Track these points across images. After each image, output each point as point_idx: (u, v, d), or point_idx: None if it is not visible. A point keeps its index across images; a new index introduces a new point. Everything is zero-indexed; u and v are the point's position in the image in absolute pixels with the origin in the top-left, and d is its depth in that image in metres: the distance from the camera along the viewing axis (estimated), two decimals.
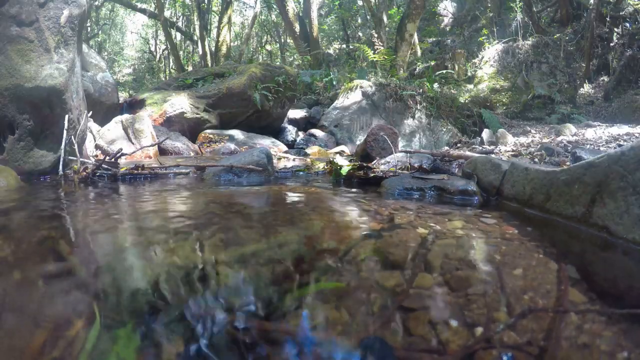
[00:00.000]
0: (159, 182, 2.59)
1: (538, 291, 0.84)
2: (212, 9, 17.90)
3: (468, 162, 2.19)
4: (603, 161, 1.22)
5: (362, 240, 1.23)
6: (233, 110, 6.97)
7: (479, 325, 0.72)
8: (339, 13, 16.83)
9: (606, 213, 1.18)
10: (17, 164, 2.70)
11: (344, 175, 2.52)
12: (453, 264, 0.98)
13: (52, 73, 2.72)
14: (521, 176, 1.68)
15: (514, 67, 10.70)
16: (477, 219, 1.44)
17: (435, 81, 8.93)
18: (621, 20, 10.26)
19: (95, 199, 2.12)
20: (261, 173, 2.75)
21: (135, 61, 24.28)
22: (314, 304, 0.83)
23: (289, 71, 7.99)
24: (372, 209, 1.66)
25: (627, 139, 4.88)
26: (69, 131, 2.89)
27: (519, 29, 11.34)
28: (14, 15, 2.62)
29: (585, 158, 2.16)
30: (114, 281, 0.96)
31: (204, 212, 1.68)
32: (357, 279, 0.92)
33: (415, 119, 7.85)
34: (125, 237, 1.31)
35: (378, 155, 3.66)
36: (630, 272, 1.01)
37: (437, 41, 14.05)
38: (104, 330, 0.71)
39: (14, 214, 1.71)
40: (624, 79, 9.06)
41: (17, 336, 0.70)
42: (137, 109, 6.27)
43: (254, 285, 0.92)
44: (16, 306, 0.81)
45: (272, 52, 21.87)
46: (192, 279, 0.95)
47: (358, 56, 11.93)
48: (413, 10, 10.01)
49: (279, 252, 1.13)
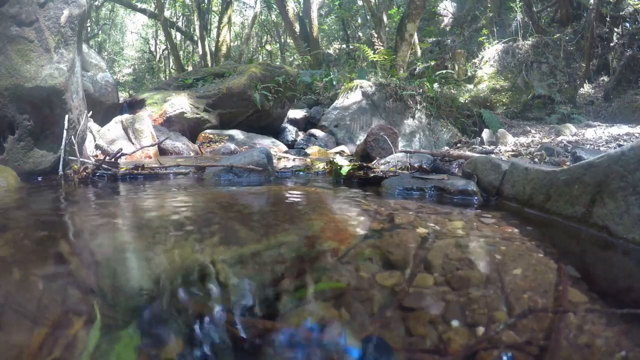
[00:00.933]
0: (159, 182, 2.59)
1: (538, 291, 0.84)
2: (212, 9, 17.89)
3: (468, 162, 2.19)
4: (603, 161, 1.22)
5: (362, 240, 1.23)
6: (233, 110, 6.97)
7: (480, 325, 0.72)
8: (339, 13, 16.83)
9: (606, 213, 1.18)
10: (17, 164, 2.70)
11: (344, 175, 2.52)
12: (453, 264, 0.98)
13: (52, 73, 2.72)
14: (521, 176, 1.68)
15: (514, 67, 10.70)
16: (477, 219, 1.44)
17: (435, 81, 8.93)
18: (621, 20, 10.26)
19: (95, 199, 2.12)
20: (261, 173, 2.75)
21: (135, 61, 24.28)
22: (314, 303, 0.83)
23: (289, 71, 7.99)
24: (372, 209, 1.66)
25: (627, 139, 4.88)
26: (69, 131, 2.89)
27: (519, 29, 11.34)
28: (14, 15, 2.62)
29: (585, 158, 2.16)
30: (114, 281, 0.96)
31: (204, 212, 1.68)
32: (357, 279, 0.92)
33: (415, 119, 7.85)
34: (125, 237, 1.31)
35: (378, 155, 3.66)
36: (630, 272, 1.01)
37: (437, 41, 14.05)
38: (104, 330, 0.71)
39: (14, 214, 1.71)
40: (624, 79, 9.06)
41: (17, 336, 0.70)
42: (137, 109, 6.27)
43: (254, 285, 0.92)
44: (16, 306, 0.81)
45: (272, 52, 21.87)
46: (192, 279, 0.95)
47: (358, 56, 11.93)
48: (413, 10, 10.02)
49: (279, 252, 1.13)
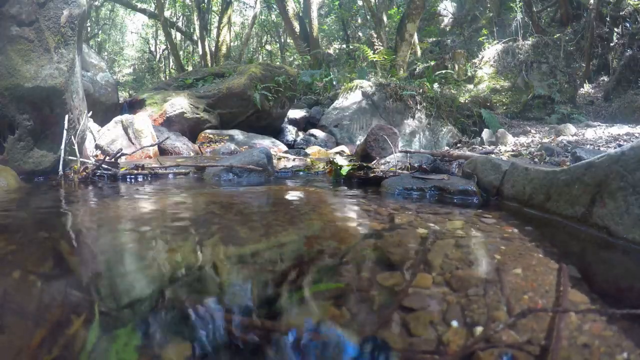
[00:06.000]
0: (159, 182, 2.58)
1: (538, 291, 0.84)
2: (212, 9, 17.89)
3: (468, 162, 2.19)
4: (603, 161, 1.22)
5: (362, 240, 1.23)
6: (233, 110, 6.97)
7: (479, 325, 0.72)
8: (339, 13, 16.83)
9: (606, 213, 1.17)
10: (17, 164, 2.70)
11: (344, 175, 2.52)
12: (453, 264, 0.98)
13: (52, 73, 2.72)
14: (521, 176, 1.68)
15: (514, 67, 10.70)
16: (477, 219, 1.44)
17: (435, 81, 8.93)
18: (621, 20, 10.26)
19: (95, 199, 2.12)
20: (261, 173, 2.75)
21: (135, 61, 24.27)
22: (314, 303, 0.83)
23: (289, 71, 7.99)
24: (372, 209, 1.66)
25: (627, 139, 4.88)
26: (69, 131, 2.89)
27: (519, 29, 11.34)
28: (14, 15, 2.62)
29: (585, 158, 2.16)
30: (114, 281, 0.96)
31: (204, 212, 1.68)
32: (357, 279, 0.92)
33: (415, 119, 7.85)
34: (125, 237, 1.31)
35: (378, 155, 3.66)
36: (630, 272, 1.01)
37: (437, 41, 14.05)
38: (103, 330, 0.71)
39: (14, 214, 1.72)
40: (624, 79, 9.06)
41: (17, 336, 0.70)
42: (137, 109, 6.27)
43: (254, 285, 0.92)
44: (16, 306, 0.81)
45: (272, 52, 21.86)
46: (192, 279, 0.95)
47: (358, 56, 11.93)
48: (413, 10, 10.02)
49: (279, 252, 1.13)
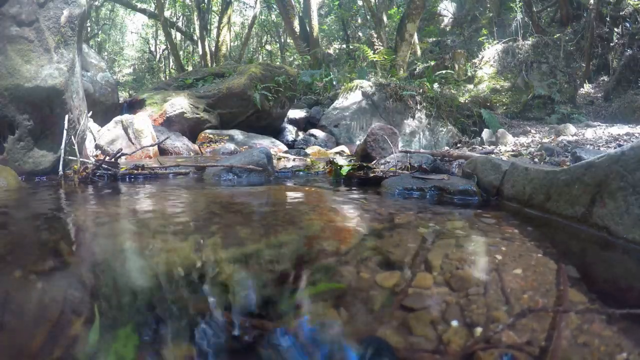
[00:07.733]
0: (159, 182, 2.58)
1: (538, 291, 0.84)
2: (212, 9, 17.89)
3: (468, 162, 2.19)
4: (603, 161, 1.22)
5: (362, 240, 1.23)
6: (233, 110, 6.97)
7: (479, 325, 0.72)
8: (338, 13, 16.83)
9: (606, 213, 1.17)
10: (17, 164, 2.70)
11: (344, 175, 2.52)
12: (453, 264, 0.98)
13: (52, 73, 2.72)
14: (521, 176, 1.68)
15: (514, 67, 10.71)
16: (477, 219, 1.44)
17: (435, 81, 8.94)
18: (621, 20, 10.26)
19: (95, 199, 2.12)
20: (261, 173, 2.75)
21: (135, 61, 24.28)
22: (314, 303, 0.83)
23: (289, 71, 7.99)
24: (372, 209, 1.66)
25: (627, 139, 4.88)
26: (69, 131, 2.89)
27: (519, 29, 11.34)
28: (14, 15, 2.62)
29: (585, 158, 2.16)
30: (114, 281, 0.96)
31: (204, 212, 1.68)
32: (357, 279, 0.92)
33: (415, 119, 7.85)
34: (125, 237, 1.31)
35: (378, 155, 3.66)
36: (630, 272, 1.01)
37: (437, 41, 14.05)
38: (103, 330, 0.71)
39: (14, 214, 1.72)
40: (624, 79, 9.07)
41: (17, 336, 0.70)
42: (137, 109, 6.28)
43: (254, 285, 0.92)
44: (16, 306, 0.81)
45: (272, 52, 21.86)
46: (192, 279, 0.95)
47: (358, 56, 11.94)
48: (413, 10, 10.02)
49: (279, 252, 1.13)
